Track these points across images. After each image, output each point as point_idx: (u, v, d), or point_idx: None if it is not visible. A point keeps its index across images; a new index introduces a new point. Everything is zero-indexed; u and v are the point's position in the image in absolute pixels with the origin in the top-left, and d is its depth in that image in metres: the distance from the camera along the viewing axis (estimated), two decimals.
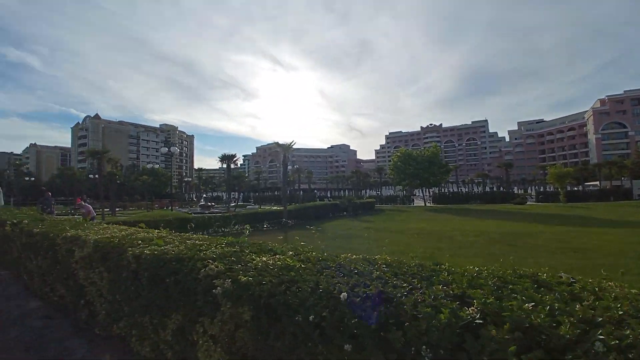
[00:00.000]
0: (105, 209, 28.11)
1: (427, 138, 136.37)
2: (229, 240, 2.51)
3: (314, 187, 71.96)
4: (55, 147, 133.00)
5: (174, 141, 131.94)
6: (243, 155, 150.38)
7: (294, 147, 20.33)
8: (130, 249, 2.47)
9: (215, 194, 73.40)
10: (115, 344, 3.75)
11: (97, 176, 67.98)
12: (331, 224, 18.99)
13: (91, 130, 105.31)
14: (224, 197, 65.26)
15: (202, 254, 2.07)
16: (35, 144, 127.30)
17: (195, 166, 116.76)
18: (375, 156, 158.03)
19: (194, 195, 74.31)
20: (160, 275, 2.07)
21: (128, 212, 31.61)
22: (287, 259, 1.88)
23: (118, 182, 43.81)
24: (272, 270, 1.67)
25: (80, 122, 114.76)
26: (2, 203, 32.91)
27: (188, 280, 1.89)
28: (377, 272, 1.51)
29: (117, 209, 32.46)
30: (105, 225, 4.27)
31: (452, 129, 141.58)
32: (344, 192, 69.80)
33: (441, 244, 11.01)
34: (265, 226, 16.63)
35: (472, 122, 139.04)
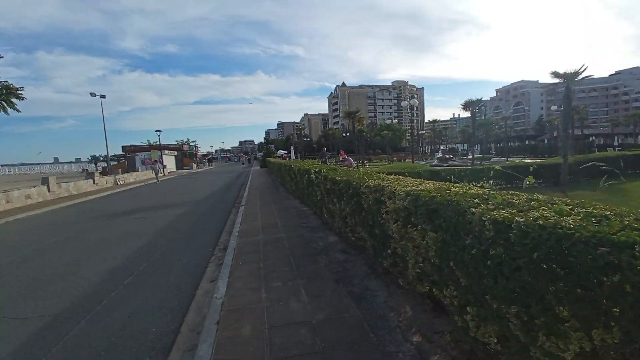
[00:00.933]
0: (358, 162, 33.23)
1: None
2: None
3: (587, 133, 53.38)
4: (319, 114, 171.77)
5: (405, 96, 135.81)
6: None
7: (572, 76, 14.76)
8: (473, 209, 1.86)
9: (448, 145, 70.56)
10: (417, 298, 3.62)
11: (348, 134, 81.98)
12: (636, 184, 13.00)
13: (340, 96, 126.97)
14: (459, 149, 61.32)
15: None
16: (307, 113, 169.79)
17: (426, 118, 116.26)
18: None
19: (427, 148, 74.92)
20: (575, 265, 1.27)
21: (374, 164, 35.92)
22: None
23: (375, 137, 49.94)
24: None
25: (333, 92, 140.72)
26: (294, 157, 45.58)
27: None
28: None
29: (365, 162, 37.74)
30: (394, 177, 4.12)
31: None
32: None
33: None
34: (527, 183, 13.51)
35: None
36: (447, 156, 38.19)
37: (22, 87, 12.77)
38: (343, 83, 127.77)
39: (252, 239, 6.44)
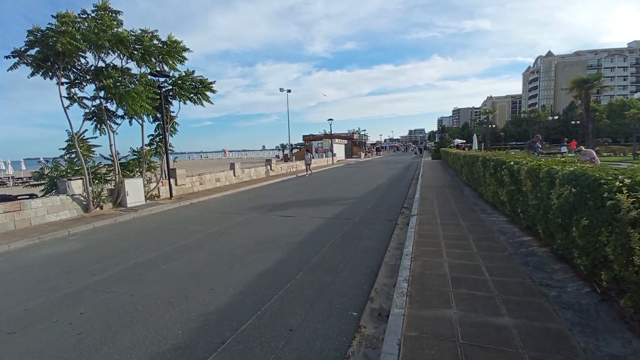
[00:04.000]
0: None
1: None
2: None
3: None
4: (507, 96, 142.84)
5: None
6: None
7: None
8: None
9: None
10: None
11: (556, 117, 62.60)
12: None
13: (542, 70, 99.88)
14: None
15: None
16: (491, 96, 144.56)
17: None
18: None
19: None
20: None
21: (608, 159, 24.31)
22: None
23: (599, 121, 34.56)
24: None
25: (531, 66, 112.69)
26: (476, 147, 37.95)
27: None
28: None
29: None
30: None
31: None
32: None
33: None
34: None
35: None
36: None
37: (214, 81, 13.48)
38: (549, 52, 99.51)
39: (437, 317, 3.06)
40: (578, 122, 59.63)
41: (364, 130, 70.23)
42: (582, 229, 3.12)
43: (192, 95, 13.23)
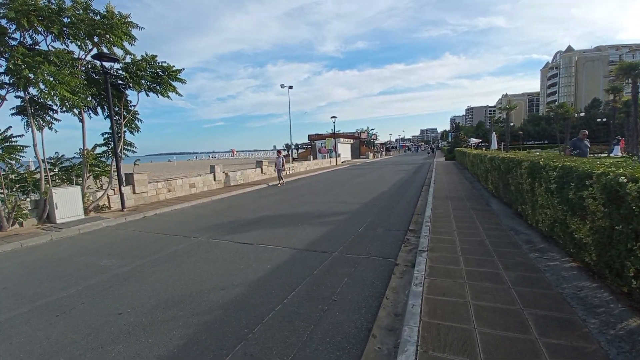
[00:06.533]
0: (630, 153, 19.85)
1: None
2: None
3: None
4: (523, 94, 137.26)
5: None
6: None
7: None
8: None
9: None
10: None
11: (582, 114, 58.49)
12: None
13: (562, 66, 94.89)
14: None
15: None
16: (506, 94, 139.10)
17: None
18: None
19: None
20: None
21: None
22: None
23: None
24: None
25: (550, 62, 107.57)
26: (495, 147, 34.65)
27: None
28: None
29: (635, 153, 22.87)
30: None
31: None
32: None
33: None
34: None
35: None
36: None
37: (183, 69, 11.27)
38: (568, 47, 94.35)
39: None
40: (604, 119, 55.31)
41: (373, 130, 67.40)
42: None
43: (154, 85, 11.01)
